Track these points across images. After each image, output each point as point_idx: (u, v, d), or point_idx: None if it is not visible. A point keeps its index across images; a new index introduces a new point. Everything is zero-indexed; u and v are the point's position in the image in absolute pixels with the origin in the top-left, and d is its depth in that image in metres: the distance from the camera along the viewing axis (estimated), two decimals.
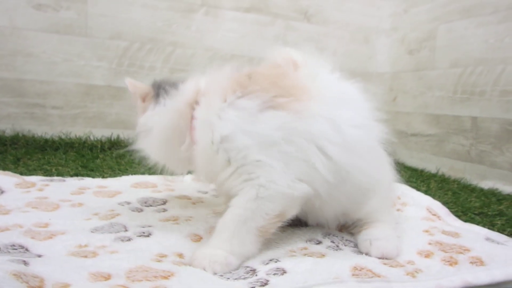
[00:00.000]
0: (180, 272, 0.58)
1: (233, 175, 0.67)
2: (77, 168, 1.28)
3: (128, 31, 1.69)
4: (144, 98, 0.79)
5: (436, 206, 1.01)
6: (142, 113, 0.78)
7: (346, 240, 0.77)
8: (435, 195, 1.17)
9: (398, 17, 2.04)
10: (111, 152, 1.55)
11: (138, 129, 0.79)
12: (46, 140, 1.53)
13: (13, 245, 0.64)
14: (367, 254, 0.71)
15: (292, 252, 0.69)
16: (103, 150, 1.56)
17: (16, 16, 1.52)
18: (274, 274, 0.60)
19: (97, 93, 1.68)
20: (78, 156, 1.44)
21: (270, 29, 1.91)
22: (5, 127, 1.53)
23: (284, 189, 0.65)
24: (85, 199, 0.93)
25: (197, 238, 0.74)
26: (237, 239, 0.65)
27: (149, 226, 0.78)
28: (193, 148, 0.72)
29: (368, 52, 2.12)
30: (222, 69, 0.74)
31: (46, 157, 1.37)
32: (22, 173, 1.12)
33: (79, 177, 1.14)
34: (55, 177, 1.11)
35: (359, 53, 2.10)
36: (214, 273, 0.61)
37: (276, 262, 0.64)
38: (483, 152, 1.50)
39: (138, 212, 0.88)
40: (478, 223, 0.95)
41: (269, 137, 0.65)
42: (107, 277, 0.56)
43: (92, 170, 1.27)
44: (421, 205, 1.01)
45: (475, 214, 1.06)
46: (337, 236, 0.78)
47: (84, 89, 1.66)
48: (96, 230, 0.74)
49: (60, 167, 1.26)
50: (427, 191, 1.24)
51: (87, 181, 1.10)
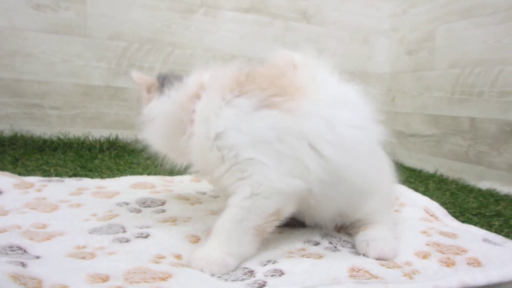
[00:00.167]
0: (178, 274, 0.58)
1: (227, 173, 0.68)
2: (76, 169, 1.28)
3: (127, 32, 1.69)
4: (149, 89, 0.81)
5: (434, 207, 1.01)
6: (147, 104, 0.80)
7: (344, 241, 0.77)
8: (433, 196, 1.18)
9: (398, 18, 2.04)
10: (110, 153, 1.55)
11: (143, 119, 0.81)
12: (45, 141, 1.53)
13: (11, 247, 0.64)
14: (365, 255, 0.71)
15: (290, 253, 0.70)
16: (102, 151, 1.56)
17: (15, 17, 1.52)
18: (272, 276, 0.61)
19: (96, 94, 1.68)
20: (77, 157, 1.44)
21: (270, 30, 1.91)
22: (4, 128, 1.53)
23: (278, 185, 0.65)
24: (84, 200, 0.93)
25: (195, 239, 0.75)
26: (235, 240, 0.65)
27: (147, 227, 0.78)
28: (191, 140, 0.73)
29: (367, 53, 2.12)
30: (225, 67, 0.75)
31: (45, 158, 1.37)
32: (21, 174, 1.12)
33: (78, 178, 1.14)
34: (54, 178, 1.11)
35: (359, 54, 2.10)
36: (212, 275, 0.61)
37: (274, 263, 0.65)
38: (481, 153, 1.51)
39: (137, 213, 0.88)
40: (476, 224, 0.95)
41: (262, 136, 0.66)
42: (105, 279, 0.56)
43: (91, 171, 1.27)
44: (419, 206, 1.01)
45: (473, 215, 1.06)
46: (335, 237, 0.78)
47: (83, 90, 1.65)
48: (95, 231, 0.74)
49: (59, 168, 1.26)
50: (426, 192, 1.24)
51: (86, 182, 1.10)
